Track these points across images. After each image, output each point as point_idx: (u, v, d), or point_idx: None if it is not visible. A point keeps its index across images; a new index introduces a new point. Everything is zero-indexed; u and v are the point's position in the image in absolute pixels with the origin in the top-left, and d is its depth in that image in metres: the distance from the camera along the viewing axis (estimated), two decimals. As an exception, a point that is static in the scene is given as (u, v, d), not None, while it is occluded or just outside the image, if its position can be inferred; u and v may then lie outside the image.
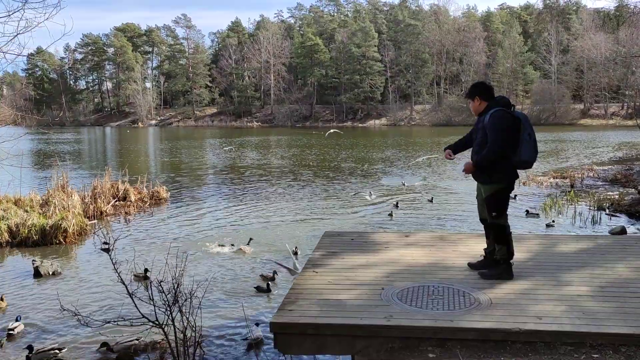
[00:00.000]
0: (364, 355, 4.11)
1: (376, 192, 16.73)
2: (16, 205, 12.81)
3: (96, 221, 13.37)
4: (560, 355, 3.75)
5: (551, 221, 12.07)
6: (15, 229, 11.36)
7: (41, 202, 13.07)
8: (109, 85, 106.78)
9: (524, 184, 17.70)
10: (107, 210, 14.29)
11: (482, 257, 5.40)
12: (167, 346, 5.06)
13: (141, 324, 5.02)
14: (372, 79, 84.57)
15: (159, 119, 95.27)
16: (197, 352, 5.11)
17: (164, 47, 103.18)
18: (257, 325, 6.45)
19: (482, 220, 5.35)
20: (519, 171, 5.15)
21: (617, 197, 14.66)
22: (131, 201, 15.25)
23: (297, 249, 9.86)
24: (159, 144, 48.43)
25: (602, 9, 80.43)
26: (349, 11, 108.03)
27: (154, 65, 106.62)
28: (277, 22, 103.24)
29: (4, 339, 6.08)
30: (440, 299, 4.59)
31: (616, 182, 18.15)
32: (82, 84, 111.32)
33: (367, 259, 5.78)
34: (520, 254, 5.45)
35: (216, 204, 15.77)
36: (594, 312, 4.25)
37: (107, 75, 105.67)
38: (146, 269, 8.42)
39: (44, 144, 46.64)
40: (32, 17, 6.48)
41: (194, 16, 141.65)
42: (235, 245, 10.52)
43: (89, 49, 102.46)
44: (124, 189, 15.52)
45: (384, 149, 35.81)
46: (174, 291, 5.15)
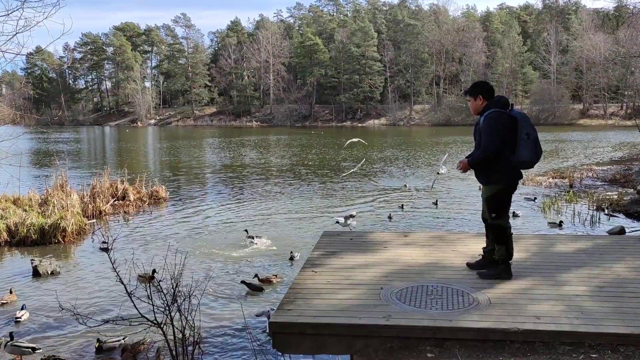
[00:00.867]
0: (362, 354, 4.11)
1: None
2: (15, 204, 12.81)
3: (95, 221, 13.36)
4: (558, 355, 3.75)
5: (559, 222, 11.88)
6: (14, 228, 11.36)
7: (40, 201, 13.06)
8: (108, 84, 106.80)
9: (522, 184, 17.72)
10: (106, 209, 14.28)
11: (480, 257, 5.41)
12: (166, 346, 5.05)
13: (140, 324, 5.01)
14: (371, 79, 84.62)
15: (158, 118, 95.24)
16: (195, 351, 5.10)
17: (163, 47, 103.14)
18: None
19: (484, 219, 5.36)
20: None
21: (616, 197, 14.67)
22: (130, 201, 15.25)
23: (294, 254, 9.63)
24: (158, 143, 48.41)
25: (602, 9, 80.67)
26: (348, 11, 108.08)
27: (153, 64, 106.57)
28: (276, 22, 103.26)
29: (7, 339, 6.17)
30: (439, 299, 4.59)
31: (615, 182, 18.16)
32: (81, 83, 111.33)
33: (366, 258, 5.78)
34: (518, 254, 5.46)
35: (215, 204, 15.77)
36: (592, 312, 4.26)
37: (106, 74, 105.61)
38: (154, 270, 8.21)
39: (43, 143, 46.63)
40: (31, 16, 6.46)
41: (193, 16, 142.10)
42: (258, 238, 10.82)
43: (88, 48, 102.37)
44: (123, 189, 15.51)
45: (384, 150, 35.81)
46: (173, 291, 5.14)
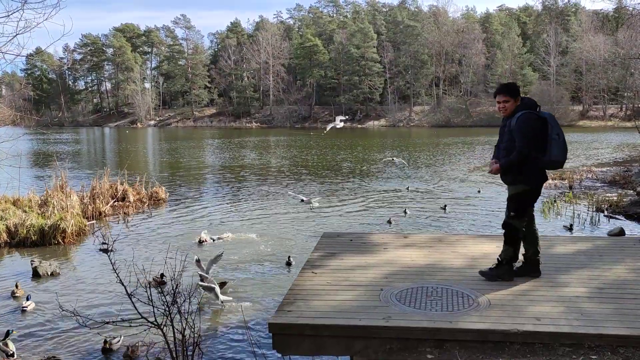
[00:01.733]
0: (362, 356, 4.11)
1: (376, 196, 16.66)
2: (15, 205, 12.80)
3: (95, 222, 13.36)
4: (558, 356, 3.75)
5: (569, 224, 11.74)
6: (13, 229, 11.36)
7: (40, 202, 13.04)
8: (108, 85, 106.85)
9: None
10: (106, 210, 14.28)
11: (522, 263, 5.27)
12: (166, 347, 5.05)
13: (140, 325, 5.01)
14: (371, 80, 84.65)
15: (157, 119, 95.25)
16: (195, 352, 5.10)
17: (163, 48, 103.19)
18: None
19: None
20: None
21: (615, 198, 14.67)
22: (130, 202, 15.25)
23: (292, 259, 9.41)
24: (158, 144, 48.41)
25: (601, 10, 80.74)
26: (348, 12, 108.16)
27: (153, 65, 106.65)
28: (276, 23, 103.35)
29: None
30: (438, 300, 4.59)
31: (615, 184, 18.16)
32: (81, 85, 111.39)
33: (366, 260, 5.79)
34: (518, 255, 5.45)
35: (215, 204, 15.77)
36: (592, 313, 4.26)
37: (106, 75, 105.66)
38: (162, 274, 8.15)
39: (43, 144, 46.62)
40: (32, 18, 6.48)
41: (193, 17, 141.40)
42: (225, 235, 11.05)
43: (88, 49, 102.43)
44: (123, 190, 15.51)
45: (383, 150, 35.82)
46: (173, 292, 5.15)
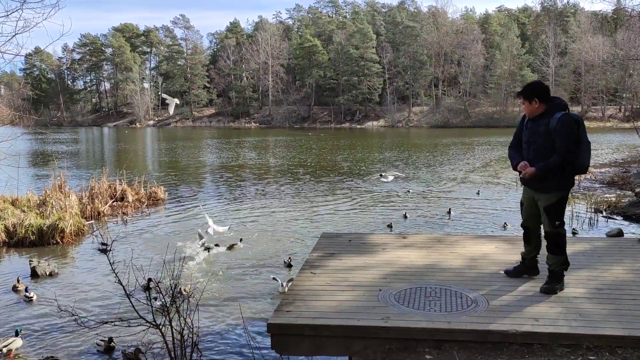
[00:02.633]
0: (361, 356, 4.12)
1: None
2: (13, 205, 12.78)
3: (93, 222, 13.35)
4: (556, 356, 3.76)
5: (572, 229, 11.55)
6: (12, 229, 11.34)
7: (38, 202, 13.03)
8: (107, 85, 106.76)
9: (519, 186, 17.68)
10: (105, 210, 14.27)
11: (519, 263, 5.21)
12: (165, 347, 5.06)
13: (138, 325, 5.02)
14: (370, 81, 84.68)
15: (156, 119, 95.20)
16: (194, 352, 5.11)
17: (162, 48, 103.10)
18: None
19: (526, 227, 5.12)
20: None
21: (614, 199, 14.69)
22: (129, 202, 15.23)
23: (291, 260, 9.32)
24: (157, 144, 48.39)
25: (600, 11, 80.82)
26: (347, 12, 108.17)
27: (152, 65, 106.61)
28: (275, 23, 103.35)
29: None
30: (437, 301, 4.60)
31: (613, 185, 18.18)
32: (80, 84, 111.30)
33: (365, 260, 5.79)
34: (517, 256, 5.46)
35: (214, 205, 15.76)
36: (590, 314, 4.27)
37: (105, 75, 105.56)
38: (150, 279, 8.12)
39: (42, 144, 46.57)
40: (31, 17, 6.48)
41: (192, 17, 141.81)
42: (219, 245, 10.52)
43: (87, 49, 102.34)
44: (122, 190, 15.50)
45: (383, 151, 35.84)
46: (172, 292, 5.15)
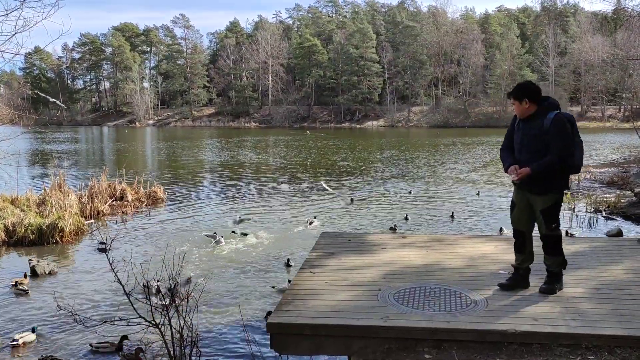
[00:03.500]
0: (360, 356, 4.12)
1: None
2: (13, 204, 12.79)
3: (93, 221, 13.35)
4: (555, 356, 3.76)
5: (567, 231, 11.50)
6: (11, 228, 11.34)
7: (38, 201, 13.03)
8: (106, 84, 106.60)
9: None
10: (104, 210, 14.26)
11: (512, 274, 4.95)
12: (164, 346, 5.06)
13: (138, 324, 5.02)
14: (370, 80, 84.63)
15: (156, 118, 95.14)
16: (193, 352, 5.10)
17: (162, 47, 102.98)
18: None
19: (519, 232, 4.88)
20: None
21: (613, 199, 14.70)
22: (128, 201, 15.23)
23: (291, 261, 9.28)
24: (157, 143, 48.37)
25: (600, 11, 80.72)
26: (347, 12, 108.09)
27: (152, 65, 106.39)
28: (275, 23, 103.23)
29: None
30: (436, 300, 4.60)
31: (613, 185, 18.19)
32: (79, 84, 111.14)
33: (364, 260, 5.79)
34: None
35: (213, 204, 15.77)
36: (589, 314, 4.27)
37: (104, 74, 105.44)
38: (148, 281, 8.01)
39: (41, 143, 46.55)
40: (30, 16, 6.46)
41: (192, 16, 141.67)
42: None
43: (87, 48, 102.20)
44: (121, 189, 15.50)
45: (383, 151, 35.85)
46: (171, 291, 5.15)
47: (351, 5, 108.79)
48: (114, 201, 15.05)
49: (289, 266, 9.22)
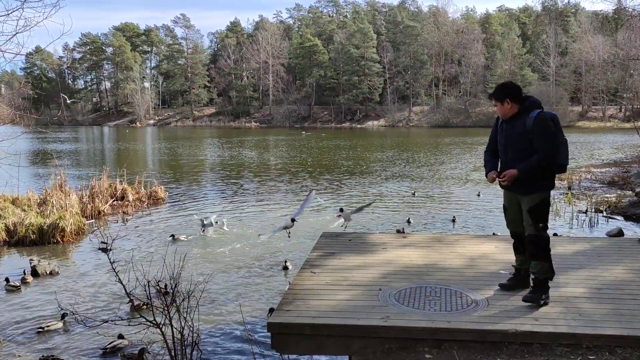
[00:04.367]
0: (360, 355, 4.12)
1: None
2: (14, 204, 12.79)
3: (94, 221, 13.36)
4: (556, 356, 3.76)
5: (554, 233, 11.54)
6: (12, 228, 11.34)
7: (39, 201, 13.04)
8: (107, 84, 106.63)
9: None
10: (105, 209, 14.27)
11: (513, 274, 4.95)
12: (165, 346, 5.06)
13: (138, 324, 5.02)
14: (370, 80, 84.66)
15: (157, 118, 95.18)
16: (194, 352, 5.11)
17: (163, 47, 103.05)
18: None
19: (516, 234, 4.87)
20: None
21: (614, 199, 14.69)
22: (129, 201, 15.24)
23: (288, 263, 9.16)
24: (157, 143, 48.38)
25: (601, 11, 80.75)
26: (347, 12, 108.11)
27: (153, 65, 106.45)
28: (275, 23, 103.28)
29: None
30: (437, 300, 4.60)
31: (614, 185, 18.18)
32: (80, 84, 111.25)
33: (365, 259, 5.79)
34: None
35: (214, 204, 15.77)
36: (590, 313, 4.27)
37: (105, 74, 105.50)
38: (165, 284, 8.01)
39: (42, 143, 46.57)
40: (31, 16, 6.46)
41: (192, 16, 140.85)
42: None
43: (88, 48, 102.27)
44: (122, 189, 15.51)
45: (384, 150, 35.83)
46: (172, 291, 5.16)
47: (352, 5, 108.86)
48: (114, 201, 15.06)
49: (285, 269, 9.07)
